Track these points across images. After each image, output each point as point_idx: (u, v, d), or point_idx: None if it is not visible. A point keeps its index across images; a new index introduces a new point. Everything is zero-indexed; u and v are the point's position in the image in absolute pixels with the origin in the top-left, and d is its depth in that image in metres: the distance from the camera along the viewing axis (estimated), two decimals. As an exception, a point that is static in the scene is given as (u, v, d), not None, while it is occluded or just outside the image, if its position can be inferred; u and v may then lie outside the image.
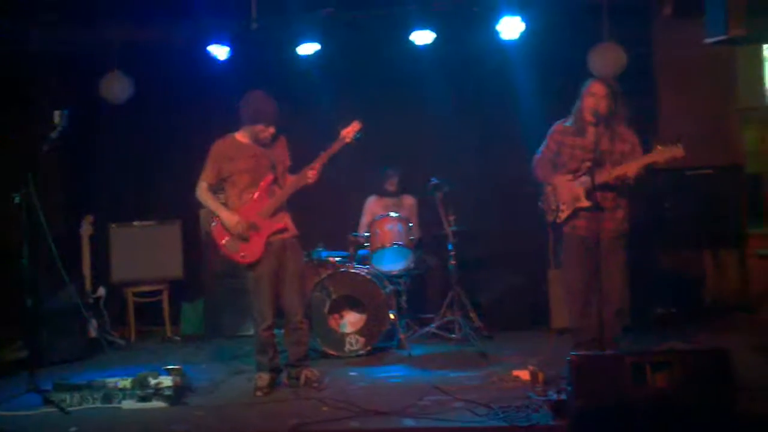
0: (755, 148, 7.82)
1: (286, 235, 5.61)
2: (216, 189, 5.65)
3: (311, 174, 5.49)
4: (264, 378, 5.58)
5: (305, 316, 5.76)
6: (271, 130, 5.55)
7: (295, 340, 5.70)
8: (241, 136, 5.61)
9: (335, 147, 5.54)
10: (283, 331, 5.75)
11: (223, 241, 5.54)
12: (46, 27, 7.52)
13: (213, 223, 5.61)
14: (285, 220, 5.61)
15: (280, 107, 5.64)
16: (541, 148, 5.67)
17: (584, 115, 5.44)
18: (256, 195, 5.52)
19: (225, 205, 5.59)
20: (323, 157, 5.52)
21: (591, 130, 5.43)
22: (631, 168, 5.24)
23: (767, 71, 9.05)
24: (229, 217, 5.48)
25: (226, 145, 5.60)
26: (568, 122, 5.56)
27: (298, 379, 5.66)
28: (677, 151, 5.07)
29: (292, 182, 5.59)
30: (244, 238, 5.48)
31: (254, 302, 5.59)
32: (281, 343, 5.75)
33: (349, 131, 5.56)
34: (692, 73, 7.72)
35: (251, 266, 5.53)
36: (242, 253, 5.51)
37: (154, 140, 8.25)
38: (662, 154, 5.13)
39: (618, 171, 5.27)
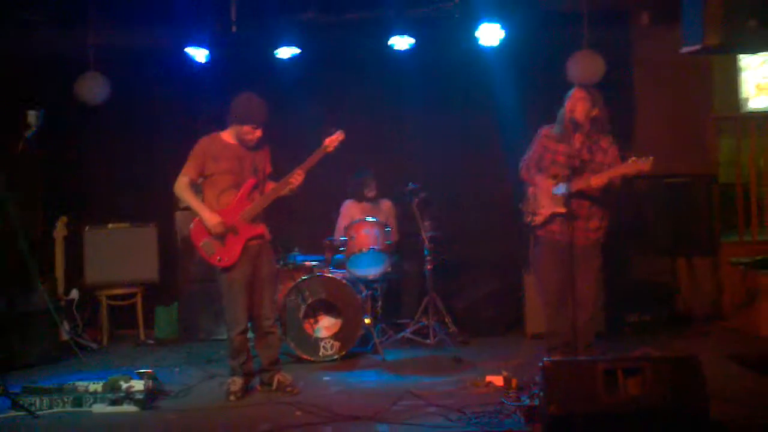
0: (730, 158, 7.88)
1: (261, 240, 5.59)
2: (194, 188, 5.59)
3: (294, 181, 5.47)
4: (237, 382, 5.54)
5: (277, 321, 5.72)
6: (258, 133, 5.52)
7: (267, 344, 5.69)
8: (226, 136, 5.58)
9: (317, 156, 5.55)
10: (254, 335, 5.73)
11: (201, 243, 5.49)
12: (23, 27, 7.44)
13: (191, 225, 5.56)
14: (262, 225, 5.60)
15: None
16: (529, 150, 5.78)
17: (566, 121, 5.55)
18: (237, 198, 5.49)
19: None
20: (305, 165, 5.52)
21: (574, 137, 5.52)
22: (603, 178, 5.34)
23: (743, 80, 9.16)
24: (210, 217, 5.42)
25: (211, 142, 5.55)
26: (555, 128, 5.67)
27: (270, 383, 5.64)
28: (645, 164, 5.20)
29: (274, 188, 5.57)
30: (222, 241, 5.45)
31: (228, 306, 5.54)
32: (252, 348, 5.72)
33: (333, 140, 5.57)
34: (669, 82, 7.79)
35: (226, 270, 5.49)
36: (218, 256, 5.46)
37: (131, 142, 8.18)
38: (632, 166, 5.27)
39: (595, 180, 5.34)
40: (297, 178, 5.47)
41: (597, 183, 5.35)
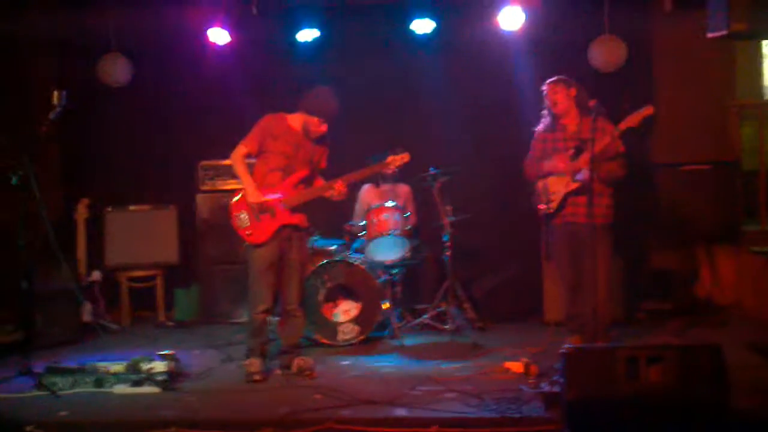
0: (752, 145, 7.81)
1: (295, 230, 5.65)
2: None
3: (338, 189, 5.57)
4: (255, 364, 5.59)
5: (300, 305, 5.77)
6: (324, 128, 5.61)
7: (289, 328, 5.74)
8: (292, 120, 5.65)
9: (373, 169, 5.87)
10: (277, 319, 5.76)
11: (237, 213, 5.57)
12: (45, 8, 7.46)
13: (237, 196, 5.61)
14: (301, 216, 5.67)
15: (279, 92, 5.67)
16: (529, 153, 6.07)
17: (552, 114, 5.91)
18: (285, 182, 5.56)
19: None
20: (354, 176, 5.68)
21: (566, 124, 5.83)
22: (607, 137, 5.51)
23: (766, 67, 9.06)
24: (253, 193, 5.50)
25: (275, 121, 5.63)
26: (541, 125, 6.01)
27: (290, 367, 5.67)
28: (647, 110, 5.41)
29: (319, 187, 5.68)
30: (258, 218, 5.51)
31: (252, 284, 5.60)
32: (273, 332, 5.75)
33: (396, 160, 5.76)
34: (691, 68, 7.71)
35: (255, 247, 5.54)
36: (249, 231, 5.53)
37: (152, 124, 8.20)
38: (635, 117, 5.43)
39: (598, 144, 5.43)
40: (341, 188, 5.57)
41: (609, 139, 5.50)
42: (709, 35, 5.50)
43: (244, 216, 5.55)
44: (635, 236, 7.02)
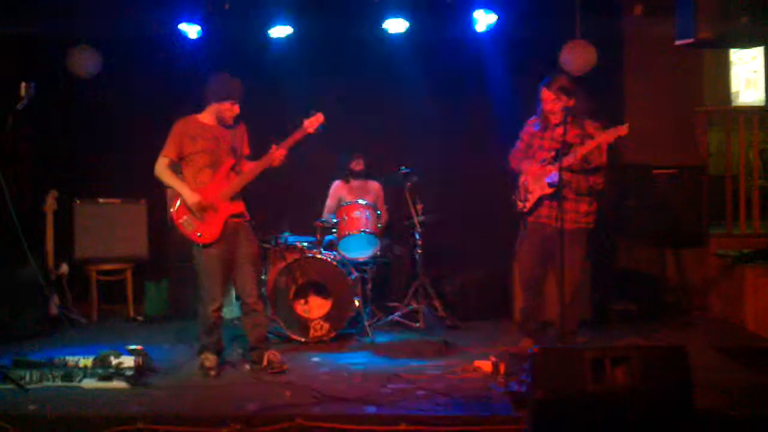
0: (719, 151, 7.94)
1: (241, 219, 5.71)
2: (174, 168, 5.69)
3: (279, 155, 5.61)
4: (211, 359, 5.62)
5: (259, 298, 5.81)
6: (237, 109, 5.66)
7: (254, 322, 5.78)
8: (203, 117, 5.70)
9: (297, 136, 5.69)
10: (241, 314, 5.84)
11: (181, 220, 5.61)
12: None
13: (176, 203, 5.64)
14: (242, 204, 5.72)
15: (250, 90, 5.70)
16: (516, 143, 6.00)
17: (546, 118, 5.79)
18: (215, 177, 5.61)
19: None
20: (285, 144, 5.66)
21: (556, 130, 5.71)
22: (590, 146, 5.50)
23: (733, 75, 9.22)
24: (190, 195, 5.54)
25: (188, 123, 5.68)
26: (536, 124, 5.90)
27: (259, 362, 5.69)
28: (621, 129, 5.38)
29: (254, 167, 5.70)
30: (202, 218, 5.55)
31: (204, 282, 5.65)
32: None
33: (313, 122, 5.71)
34: (660, 74, 7.84)
35: (206, 246, 5.59)
36: (199, 232, 5.57)
37: (122, 117, 8.12)
38: (611, 133, 5.42)
39: (580, 150, 5.49)
40: (279, 156, 5.62)
41: (582, 151, 5.50)
42: (677, 43, 5.60)
43: (188, 220, 5.59)
44: (603, 237, 7.10)
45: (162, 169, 5.63)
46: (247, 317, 5.79)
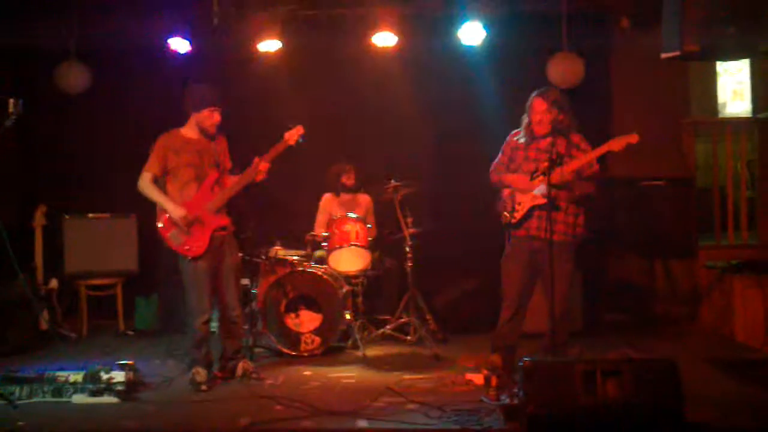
0: (706, 162, 7.99)
1: (226, 231, 5.75)
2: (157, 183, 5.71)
3: (263, 168, 5.65)
4: (202, 373, 5.63)
5: (241, 310, 5.88)
6: (217, 117, 5.67)
7: (231, 334, 5.84)
8: (185, 131, 5.73)
9: (279, 148, 5.73)
10: (218, 324, 5.92)
11: (168, 234, 5.63)
12: (4, 15, 7.36)
13: (164, 218, 5.64)
14: (227, 217, 5.77)
15: (240, 104, 5.72)
16: (497, 156, 5.89)
17: (532, 129, 5.69)
18: (200, 190, 5.63)
19: None
20: (267, 156, 5.70)
21: (541, 142, 5.65)
22: (588, 157, 5.47)
23: (719, 86, 9.28)
24: (175, 209, 5.56)
25: (171, 137, 5.71)
26: (520, 136, 5.79)
27: (234, 372, 5.76)
28: (632, 137, 5.31)
29: (238, 180, 5.73)
30: (189, 232, 5.57)
31: (193, 296, 5.67)
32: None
33: (293, 134, 5.74)
34: (647, 85, 7.88)
35: (194, 259, 5.60)
36: (187, 246, 5.59)
37: (112, 132, 8.12)
38: (618, 142, 5.34)
39: (575, 163, 5.45)
40: (263, 168, 5.66)
41: (586, 161, 5.47)
42: (663, 56, 5.62)
43: (175, 234, 5.61)
44: (593, 249, 7.12)
45: (146, 184, 5.65)
46: (225, 328, 5.84)
